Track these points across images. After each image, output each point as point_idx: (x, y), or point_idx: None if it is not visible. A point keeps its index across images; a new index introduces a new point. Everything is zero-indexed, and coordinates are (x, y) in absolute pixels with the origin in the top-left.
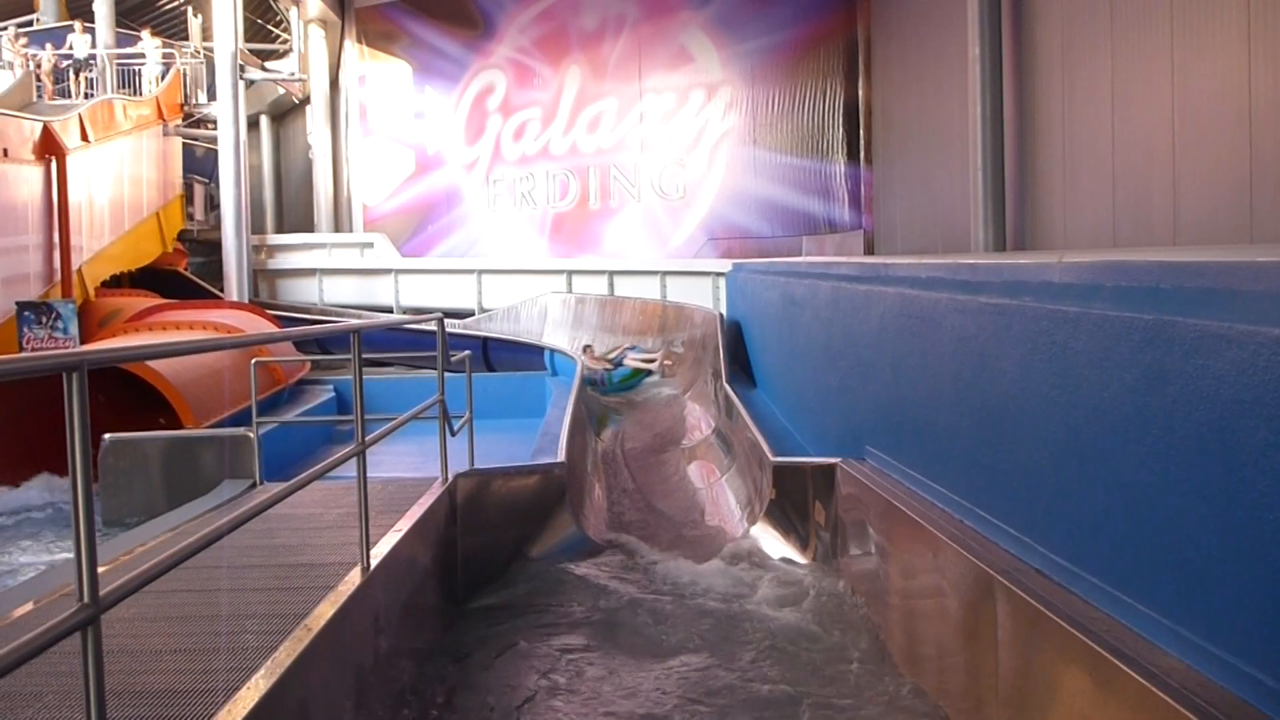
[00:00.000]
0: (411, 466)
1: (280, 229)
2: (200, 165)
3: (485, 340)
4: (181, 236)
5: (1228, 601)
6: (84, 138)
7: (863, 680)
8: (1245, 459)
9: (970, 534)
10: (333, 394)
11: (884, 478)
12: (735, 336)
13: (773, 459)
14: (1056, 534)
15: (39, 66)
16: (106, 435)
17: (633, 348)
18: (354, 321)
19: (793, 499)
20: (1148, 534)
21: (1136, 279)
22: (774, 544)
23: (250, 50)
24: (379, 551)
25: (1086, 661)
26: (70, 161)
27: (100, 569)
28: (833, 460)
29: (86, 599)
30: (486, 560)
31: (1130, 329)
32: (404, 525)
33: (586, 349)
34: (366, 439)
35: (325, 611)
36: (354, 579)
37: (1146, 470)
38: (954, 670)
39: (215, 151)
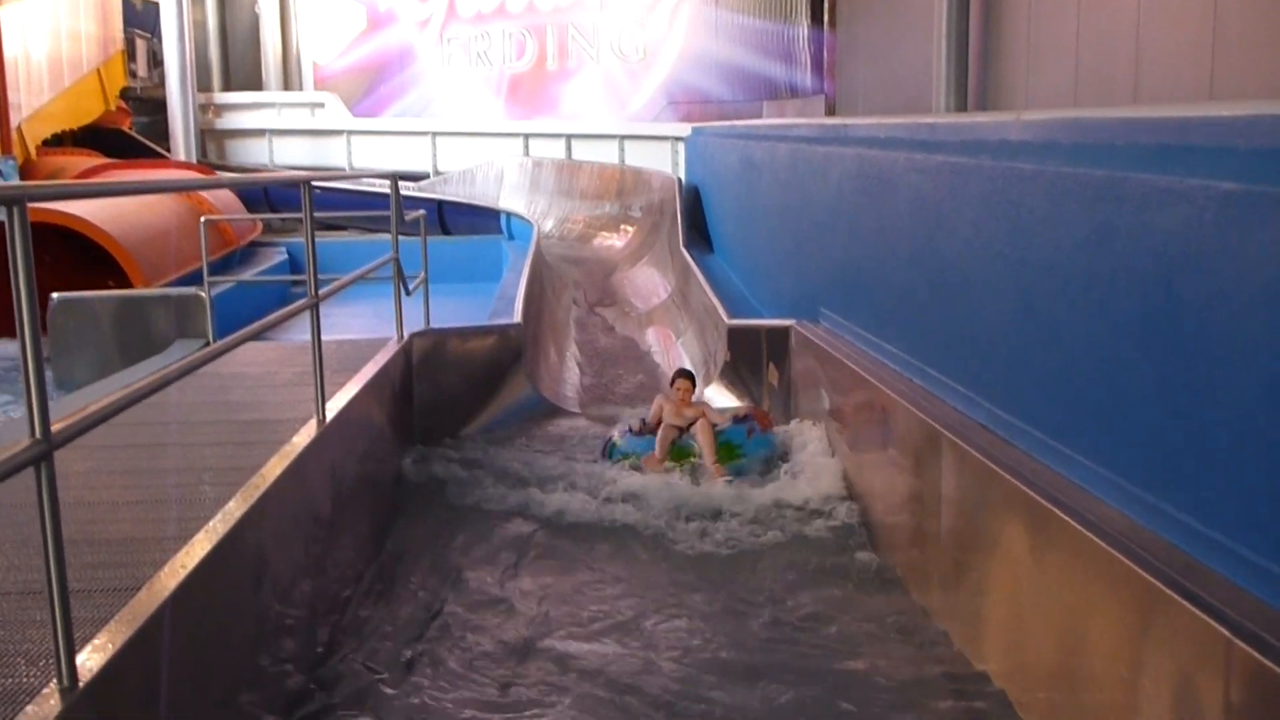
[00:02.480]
0: (367, 329)
1: (227, 88)
2: (141, 19)
3: (440, 204)
4: (124, 94)
5: (1164, 452)
6: None
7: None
8: (1187, 313)
9: (920, 392)
10: (285, 256)
11: (837, 339)
12: (694, 201)
13: (728, 321)
14: (1002, 390)
15: None
16: (55, 294)
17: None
18: (304, 174)
19: (747, 361)
20: (1090, 388)
21: (1092, 135)
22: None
23: None
24: (334, 406)
25: (1027, 511)
26: (2, 14)
27: (54, 426)
28: (787, 322)
29: (39, 435)
30: (442, 416)
31: (1083, 185)
32: (359, 382)
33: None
34: (320, 293)
35: (280, 464)
36: (309, 432)
37: (1092, 325)
38: (901, 525)
39: (156, 5)
